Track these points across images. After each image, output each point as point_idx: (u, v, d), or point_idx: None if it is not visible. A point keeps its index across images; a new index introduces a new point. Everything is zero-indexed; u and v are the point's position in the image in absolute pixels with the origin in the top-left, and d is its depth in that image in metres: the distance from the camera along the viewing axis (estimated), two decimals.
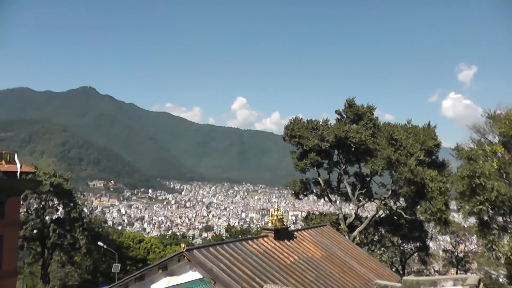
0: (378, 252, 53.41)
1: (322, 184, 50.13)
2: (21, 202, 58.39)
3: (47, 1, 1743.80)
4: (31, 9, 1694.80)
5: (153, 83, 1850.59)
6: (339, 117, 50.81)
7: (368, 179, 49.68)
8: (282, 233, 26.20)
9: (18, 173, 36.81)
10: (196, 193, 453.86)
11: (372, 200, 50.62)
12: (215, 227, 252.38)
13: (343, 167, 49.63)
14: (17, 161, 37.99)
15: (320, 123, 48.76)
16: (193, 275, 20.20)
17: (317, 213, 58.94)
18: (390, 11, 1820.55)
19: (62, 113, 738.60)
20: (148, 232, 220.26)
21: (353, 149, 46.69)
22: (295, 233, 28.03)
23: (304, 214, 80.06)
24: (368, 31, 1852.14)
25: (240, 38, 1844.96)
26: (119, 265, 60.69)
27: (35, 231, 62.33)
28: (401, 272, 54.43)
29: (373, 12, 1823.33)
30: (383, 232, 53.05)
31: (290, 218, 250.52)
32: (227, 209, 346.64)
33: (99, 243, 64.39)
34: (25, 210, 62.68)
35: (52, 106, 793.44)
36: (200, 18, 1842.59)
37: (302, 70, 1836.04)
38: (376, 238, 53.13)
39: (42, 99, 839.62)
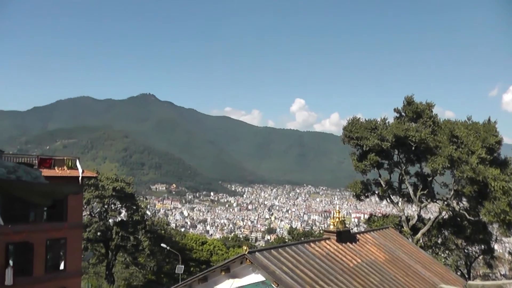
0: (442, 255, 52.27)
1: (383, 185, 49.35)
2: (84, 206, 59.86)
3: (106, 13, 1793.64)
4: (90, 21, 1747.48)
5: (212, 88, 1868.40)
6: (398, 115, 49.79)
7: (429, 179, 48.46)
8: (345, 236, 25.79)
9: (80, 178, 37.73)
10: (258, 195, 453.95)
11: (434, 200, 49.35)
12: (278, 230, 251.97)
13: (404, 167, 48.70)
14: (78, 166, 38.97)
15: (379, 123, 47.92)
16: (255, 277, 20.06)
17: (379, 215, 57.96)
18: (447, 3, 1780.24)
19: (123, 119, 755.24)
20: (211, 234, 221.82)
21: (413, 148, 45.76)
22: (358, 235, 27.58)
23: (366, 216, 79.12)
24: (426, 26, 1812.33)
25: (297, 40, 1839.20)
26: (183, 266, 61.44)
27: (98, 233, 63.74)
28: (467, 276, 52.89)
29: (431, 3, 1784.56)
30: (446, 234, 51.77)
31: (352, 220, 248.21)
32: (289, 211, 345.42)
33: (162, 244, 65.40)
34: (88, 213, 64.21)
35: (113, 114, 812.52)
36: (257, 22, 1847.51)
37: (360, 68, 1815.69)
38: (439, 240, 51.96)
39: (103, 107, 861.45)
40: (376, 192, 50.90)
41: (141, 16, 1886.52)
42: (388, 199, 50.93)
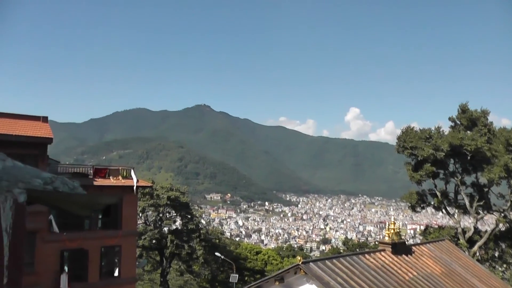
0: (499, 269, 50.68)
1: (439, 196, 48.34)
2: (139, 214, 60.84)
3: (162, 27, 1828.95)
4: (147, 34, 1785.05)
5: (267, 98, 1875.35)
6: (452, 124, 48.80)
7: (485, 189, 47.20)
8: (400, 248, 25.38)
9: (135, 187, 38.33)
10: (313, 205, 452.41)
11: (491, 212, 48.07)
12: (333, 240, 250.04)
13: (460, 177, 47.58)
14: (133, 176, 39.62)
15: (433, 131, 47.06)
16: None
17: (435, 226, 56.83)
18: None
19: (178, 130, 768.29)
20: (266, 244, 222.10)
21: (469, 158, 44.72)
22: (413, 247, 27.08)
23: (422, 228, 77.65)
24: (482, 35, 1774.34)
25: (350, 47, 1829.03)
26: (237, 275, 61.62)
27: (153, 241, 64.58)
28: None
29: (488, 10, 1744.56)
30: (504, 247, 50.16)
31: (408, 231, 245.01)
32: (344, 222, 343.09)
33: (217, 253, 65.72)
34: (143, 221, 65.21)
35: (168, 124, 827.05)
36: (313, 34, 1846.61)
37: (415, 76, 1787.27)
38: (496, 253, 50.41)
39: (158, 118, 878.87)
40: (432, 203, 49.91)
41: (196, 29, 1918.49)
42: (444, 210, 49.92)
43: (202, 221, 77.27)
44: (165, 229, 66.87)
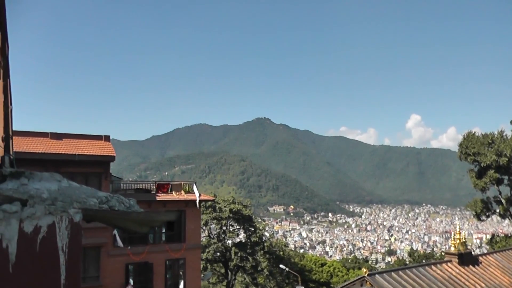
0: None
1: (504, 203, 47.05)
2: (203, 228, 61.51)
3: (216, 45, 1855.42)
4: (203, 53, 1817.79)
5: (327, 108, 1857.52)
6: None
7: None
8: (466, 258, 24.84)
9: (197, 201, 38.85)
10: (377, 216, 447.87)
11: None
12: (398, 251, 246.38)
13: None
14: (195, 190, 40.22)
15: (496, 136, 45.85)
16: None
17: (501, 235, 55.26)
18: None
19: (239, 144, 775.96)
20: (331, 256, 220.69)
21: None
22: (480, 257, 26.44)
23: (488, 237, 75.64)
24: None
25: (410, 55, 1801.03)
26: (303, 287, 61.31)
27: (217, 254, 65.10)
28: None
29: None
30: None
31: (474, 241, 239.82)
32: (409, 232, 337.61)
33: (281, 265, 65.62)
34: (207, 234, 65.89)
35: (229, 139, 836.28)
36: (367, 37, 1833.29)
37: (476, 78, 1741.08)
38: None
39: (219, 133, 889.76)
40: (497, 210, 48.60)
41: (253, 43, 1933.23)
42: (510, 217, 48.51)
43: (266, 233, 77.39)
44: (229, 242, 67.41)
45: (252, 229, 67.72)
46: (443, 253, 69.52)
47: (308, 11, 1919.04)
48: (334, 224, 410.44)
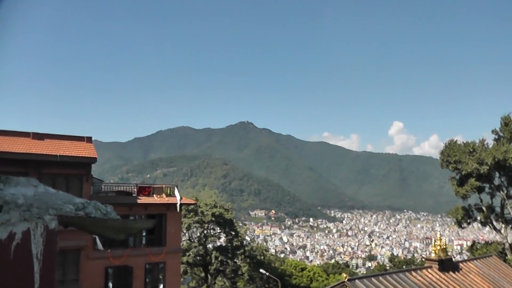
0: None
1: (485, 211, 47.42)
2: (184, 231, 61.36)
3: (203, 47, 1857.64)
4: (189, 55, 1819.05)
5: (309, 114, 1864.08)
6: (496, 136, 47.95)
7: None
8: (447, 264, 25.04)
9: (178, 205, 38.72)
10: (358, 221, 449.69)
11: None
12: (379, 257, 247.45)
13: (506, 191, 46.61)
14: (177, 194, 40.09)
15: (477, 145, 46.27)
16: None
17: (482, 242, 55.77)
18: None
19: (222, 148, 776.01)
20: (311, 261, 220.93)
21: None
22: (460, 264, 26.67)
23: (469, 243, 76.30)
24: None
25: (391, 61, 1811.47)
26: None
27: (198, 258, 65.01)
28: None
29: None
30: None
31: (455, 247, 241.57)
32: (390, 238, 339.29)
33: (262, 270, 65.66)
34: (187, 238, 65.76)
35: (212, 142, 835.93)
36: (350, 46, 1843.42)
37: (458, 88, 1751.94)
38: None
39: (202, 136, 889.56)
40: (478, 218, 49.02)
41: (236, 47, 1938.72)
42: (490, 225, 48.91)
43: (247, 237, 77.36)
44: (210, 245, 67.33)
45: (234, 233, 67.70)
46: (423, 259, 69.94)
47: (293, 17, 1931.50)
48: (315, 229, 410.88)
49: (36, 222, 3.23)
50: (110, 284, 35.45)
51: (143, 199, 37.85)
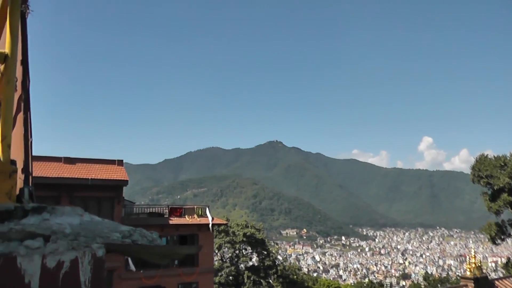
0: None
1: None
2: (216, 251, 61.41)
3: (229, 67, 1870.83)
4: (215, 76, 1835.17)
5: (338, 131, 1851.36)
6: None
7: None
8: (482, 283, 24.65)
9: (210, 225, 38.84)
10: (390, 239, 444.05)
11: None
12: (412, 275, 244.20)
13: None
14: (208, 214, 40.25)
15: (508, 158, 45.48)
16: None
17: None
18: None
19: (251, 167, 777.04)
20: (344, 279, 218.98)
21: None
22: (496, 282, 26.24)
23: (503, 260, 74.80)
24: None
25: (418, 77, 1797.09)
26: None
27: (230, 278, 64.85)
28: None
29: None
30: None
31: (489, 264, 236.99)
32: (423, 256, 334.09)
33: None
34: (219, 258, 65.75)
35: (241, 162, 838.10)
36: (380, 61, 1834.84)
37: (486, 103, 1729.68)
38: None
39: (231, 156, 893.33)
40: None
41: (264, 66, 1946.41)
42: None
43: (279, 257, 77.04)
44: (242, 265, 67.18)
45: (265, 253, 67.54)
46: (458, 277, 68.88)
47: (320, 33, 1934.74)
48: (347, 247, 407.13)
49: (84, 251, 3.31)
50: None
51: (174, 220, 38.13)
